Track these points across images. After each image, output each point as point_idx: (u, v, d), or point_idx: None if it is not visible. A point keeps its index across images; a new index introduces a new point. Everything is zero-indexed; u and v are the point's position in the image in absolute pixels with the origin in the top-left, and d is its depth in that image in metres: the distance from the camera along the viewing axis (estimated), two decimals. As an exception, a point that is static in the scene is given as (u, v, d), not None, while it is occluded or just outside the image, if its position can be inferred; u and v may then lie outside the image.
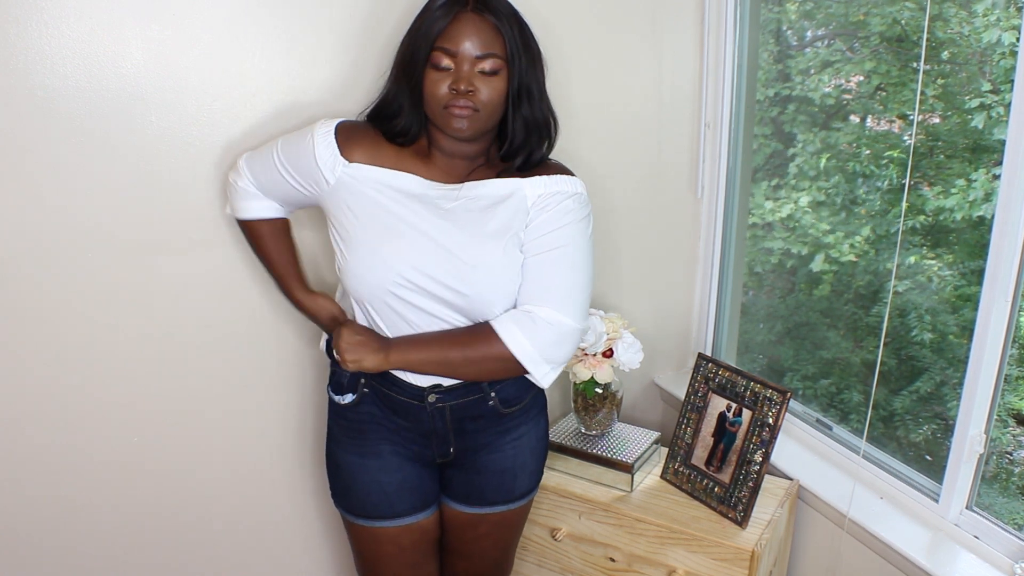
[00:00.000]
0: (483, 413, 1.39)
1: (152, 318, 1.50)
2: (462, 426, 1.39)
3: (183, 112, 1.41)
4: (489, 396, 1.38)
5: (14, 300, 1.38)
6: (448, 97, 1.21)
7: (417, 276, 1.27)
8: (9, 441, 1.44)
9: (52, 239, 1.38)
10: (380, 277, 1.27)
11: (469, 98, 1.21)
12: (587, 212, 1.34)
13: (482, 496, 1.45)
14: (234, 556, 1.72)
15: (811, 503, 1.67)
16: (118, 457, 1.54)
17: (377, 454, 1.40)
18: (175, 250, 1.48)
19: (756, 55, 1.92)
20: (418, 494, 1.43)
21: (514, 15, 1.25)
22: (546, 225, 1.30)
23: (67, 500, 1.52)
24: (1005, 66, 2.00)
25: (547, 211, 1.31)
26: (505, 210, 1.30)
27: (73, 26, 1.30)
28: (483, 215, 1.30)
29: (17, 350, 1.41)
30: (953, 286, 2.29)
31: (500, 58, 1.22)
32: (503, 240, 1.29)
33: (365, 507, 1.42)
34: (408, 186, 1.29)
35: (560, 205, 1.31)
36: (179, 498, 1.62)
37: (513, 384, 1.40)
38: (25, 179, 1.34)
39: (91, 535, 1.56)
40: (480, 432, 1.41)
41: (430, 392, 1.35)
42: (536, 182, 1.32)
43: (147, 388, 1.53)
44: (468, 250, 1.27)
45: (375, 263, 1.27)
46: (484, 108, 1.22)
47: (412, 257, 1.27)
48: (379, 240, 1.27)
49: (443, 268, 1.27)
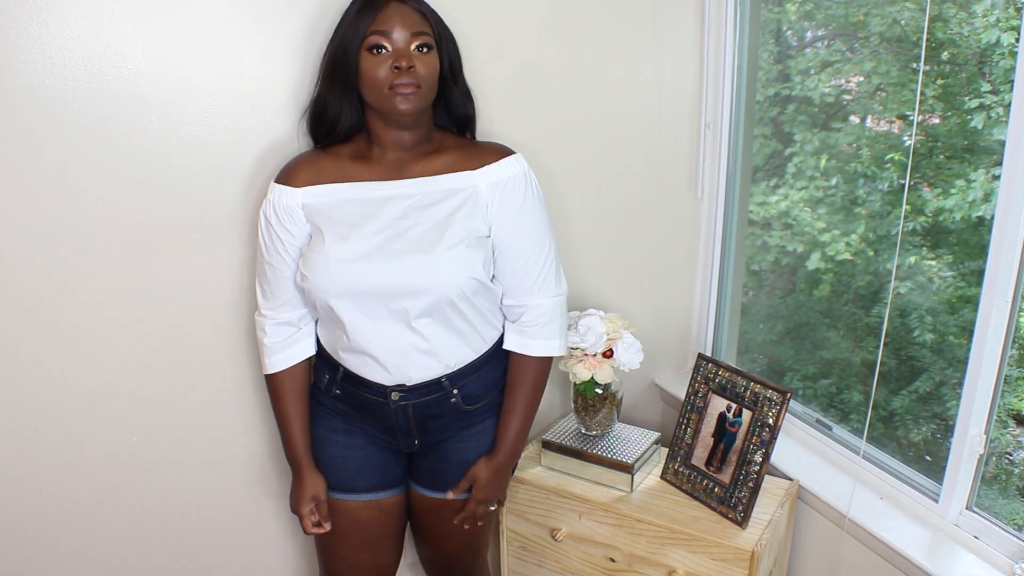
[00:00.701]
0: (445, 411, 1.42)
1: (152, 318, 1.50)
2: (424, 424, 1.42)
3: (183, 112, 1.41)
4: (451, 394, 1.41)
5: (14, 300, 1.38)
6: (391, 76, 1.26)
7: (370, 276, 1.30)
8: (9, 441, 1.44)
9: (52, 239, 1.38)
10: (335, 282, 1.31)
11: (411, 75, 1.26)
12: (535, 184, 1.41)
13: (445, 484, 1.48)
14: (237, 556, 1.72)
15: (811, 503, 1.67)
16: (118, 457, 1.54)
17: (347, 432, 1.46)
18: (175, 250, 1.48)
19: (756, 55, 1.92)
20: (379, 474, 1.47)
21: (428, 7, 1.33)
22: (509, 212, 1.37)
23: (66, 499, 1.52)
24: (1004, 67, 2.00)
25: (505, 198, 1.36)
26: (459, 203, 1.34)
27: (73, 26, 1.30)
28: (436, 209, 1.33)
29: (17, 350, 1.41)
30: (953, 287, 2.29)
31: (430, 35, 1.29)
32: (458, 232, 1.32)
33: (328, 477, 1.47)
34: (354, 193, 1.35)
35: (515, 188, 1.37)
36: (180, 498, 1.62)
37: (476, 382, 1.43)
38: (25, 179, 1.34)
39: (91, 534, 1.56)
40: (443, 428, 1.44)
41: (393, 390, 1.38)
42: (487, 172, 1.36)
43: (147, 388, 1.53)
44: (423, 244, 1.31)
45: (328, 268, 1.31)
46: (424, 84, 1.28)
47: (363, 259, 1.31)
48: (332, 246, 1.31)
49: (397, 265, 1.30)
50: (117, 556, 1.60)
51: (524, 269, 1.40)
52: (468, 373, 1.41)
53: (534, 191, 1.40)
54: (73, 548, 1.55)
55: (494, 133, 1.65)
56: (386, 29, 1.26)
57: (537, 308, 1.42)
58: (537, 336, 1.43)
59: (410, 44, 1.27)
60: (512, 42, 1.65)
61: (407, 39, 1.27)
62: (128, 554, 1.61)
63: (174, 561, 1.66)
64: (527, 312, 1.42)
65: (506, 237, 1.38)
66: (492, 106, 1.65)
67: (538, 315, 1.42)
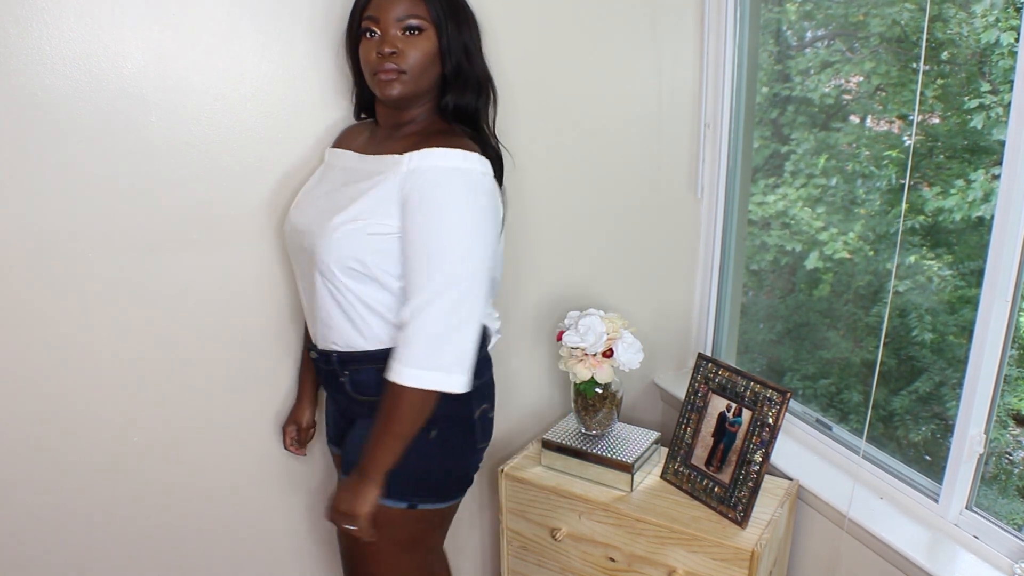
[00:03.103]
0: (341, 390, 1.41)
1: (152, 318, 1.49)
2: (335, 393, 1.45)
3: (183, 112, 1.41)
4: (341, 374, 1.37)
5: (14, 300, 1.38)
6: (376, 62, 1.27)
7: (292, 231, 1.38)
8: (9, 440, 1.44)
9: (52, 239, 1.38)
10: (284, 229, 1.43)
11: (394, 60, 1.26)
12: (469, 186, 1.22)
13: (347, 463, 1.37)
14: (239, 556, 1.72)
15: (811, 503, 1.67)
16: (117, 457, 1.54)
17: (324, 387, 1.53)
18: (175, 250, 1.48)
19: (756, 55, 1.92)
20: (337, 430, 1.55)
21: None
22: (415, 203, 1.21)
23: (67, 499, 1.52)
24: (1004, 67, 2.00)
25: (417, 188, 1.21)
26: (374, 183, 1.27)
27: (73, 26, 1.30)
28: (359, 186, 1.31)
29: (17, 350, 1.41)
30: (953, 286, 2.29)
31: (424, 19, 1.27)
32: (359, 209, 1.25)
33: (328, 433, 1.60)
34: (334, 160, 1.44)
35: (434, 181, 1.21)
36: (180, 498, 1.62)
37: (369, 373, 1.33)
38: (25, 179, 1.34)
39: (91, 534, 1.56)
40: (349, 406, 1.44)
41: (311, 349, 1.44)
42: (412, 157, 1.23)
43: (147, 387, 1.53)
44: (327, 208, 1.32)
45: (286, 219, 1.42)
46: (411, 69, 1.27)
47: (293, 213, 1.40)
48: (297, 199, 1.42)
49: (304, 219, 1.36)
50: (117, 556, 1.60)
51: (412, 272, 1.22)
52: (360, 360, 1.34)
53: (460, 192, 1.22)
54: (74, 548, 1.55)
55: (494, 133, 1.65)
56: (376, 15, 1.27)
57: (410, 323, 1.21)
58: (398, 357, 1.21)
59: (397, 28, 1.26)
60: (512, 41, 1.65)
61: (394, 23, 1.26)
62: (128, 554, 1.61)
63: (174, 561, 1.66)
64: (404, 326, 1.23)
65: (406, 230, 1.22)
66: (492, 106, 1.65)
67: (407, 331, 1.21)
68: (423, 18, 1.27)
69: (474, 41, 1.34)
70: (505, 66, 1.66)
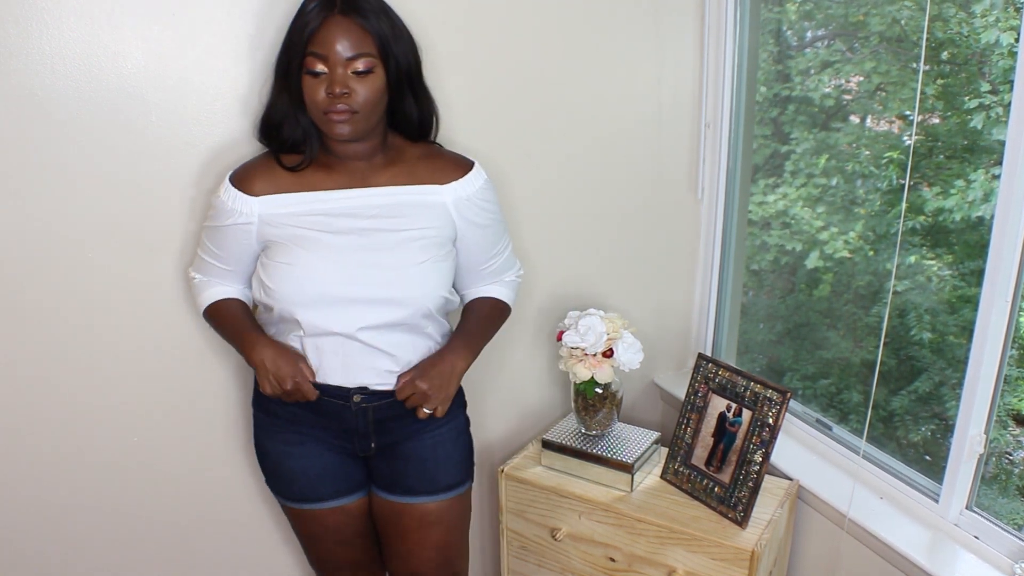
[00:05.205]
0: (404, 413, 1.40)
1: (152, 318, 1.50)
2: (383, 425, 1.41)
3: (183, 112, 1.42)
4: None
5: (14, 300, 1.38)
6: (326, 103, 1.24)
7: (336, 288, 1.29)
8: (8, 440, 1.44)
9: (52, 239, 1.38)
10: (306, 294, 1.30)
11: (345, 100, 1.23)
12: (492, 189, 1.45)
13: (404, 485, 1.46)
14: (236, 557, 1.72)
15: (811, 503, 1.67)
16: (117, 457, 1.54)
17: (300, 443, 1.43)
18: (175, 250, 1.48)
19: (756, 55, 1.92)
20: (341, 480, 1.46)
21: (383, 9, 1.26)
22: (476, 225, 1.42)
23: (67, 499, 1.52)
24: (1004, 67, 2.00)
25: (472, 213, 1.40)
26: (428, 218, 1.36)
27: (73, 26, 1.30)
28: (405, 222, 1.33)
29: (16, 350, 1.41)
30: (952, 286, 2.29)
31: (373, 56, 1.24)
32: (429, 247, 1.34)
33: (292, 490, 1.47)
34: (317, 203, 1.32)
35: (482, 201, 1.41)
36: (179, 498, 1.62)
37: None
38: (25, 179, 1.34)
39: (91, 535, 1.56)
40: (401, 429, 1.43)
41: (355, 393, 1.37)
42: (455, 188, 1.38)
43: (147, 387, 1.53)
44: (388, 257, 1.31)
45: (296, 280, 1.30)
46: (363, 108, 1.25)
47: (329, 271, 1.30)
48: (300, 256, 1.30)
49: (364, 277, 1.30)
50: (117, 556, 1.60)
51: (487, 266, 1.49)
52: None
53: (492, 197, 1.44)
54: (74, 548, 1.56)
55: (493, 133, 1.65)
56: (323, 53, 1.21)
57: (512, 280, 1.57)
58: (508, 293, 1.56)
59: (347, 68, 1.22)
60: (512, 41, 1.65)
61: (344, 63, 1.22)
62: (127, 554, 1.61)
63: (173, 561, 1.66)
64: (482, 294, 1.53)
65: (469, 244, 1.43)
66: (491, 105, 1.65)
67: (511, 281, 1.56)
68: (371, 55, 1.23)
69: (415, 59, 1.32)
70: (504, 67, 1.66)
